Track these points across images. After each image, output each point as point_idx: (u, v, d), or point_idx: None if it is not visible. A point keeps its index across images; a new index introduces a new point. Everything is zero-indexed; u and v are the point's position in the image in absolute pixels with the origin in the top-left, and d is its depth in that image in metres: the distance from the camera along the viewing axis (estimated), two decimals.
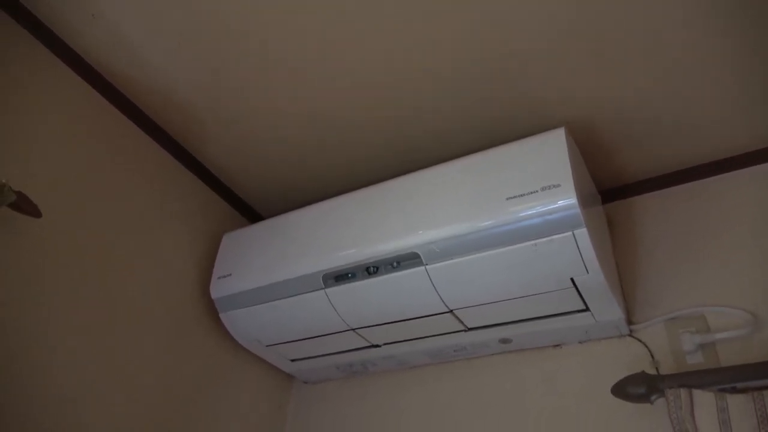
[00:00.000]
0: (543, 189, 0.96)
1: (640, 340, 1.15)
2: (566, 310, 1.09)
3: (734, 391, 0.94)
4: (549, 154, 0.99)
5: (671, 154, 1.26)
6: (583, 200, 0.97)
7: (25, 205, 0.94)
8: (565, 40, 1.02)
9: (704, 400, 0.93)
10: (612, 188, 1.36)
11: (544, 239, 0.96)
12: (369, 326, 1.20)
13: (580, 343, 1.21)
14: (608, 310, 1.07)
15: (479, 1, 0.96)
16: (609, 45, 1.02)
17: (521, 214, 0.96)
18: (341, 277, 1.13)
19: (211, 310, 1.31)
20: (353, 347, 1.30)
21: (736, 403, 0.91)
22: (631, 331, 1.16)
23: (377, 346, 1.29)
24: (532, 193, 0.97)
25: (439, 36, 1.03)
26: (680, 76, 1.07)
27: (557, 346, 1.23)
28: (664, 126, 1.19)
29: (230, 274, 1.28)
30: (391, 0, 0.97)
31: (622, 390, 1.02)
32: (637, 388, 1.00)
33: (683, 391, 0.94)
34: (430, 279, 1.06)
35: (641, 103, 1.13)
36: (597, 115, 1.17)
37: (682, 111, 1.14)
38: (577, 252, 0.95)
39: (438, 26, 1.01)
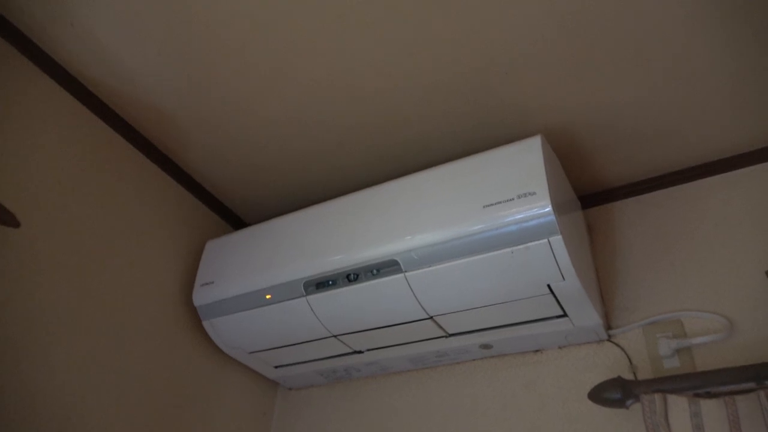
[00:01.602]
0: (519, 197, 0.97)
1: (618, 345, 1.16)
2: (545, 316, 1.10)
3: (708, 395, 0.95)
4: (525, 162, 1.00)
5: (650, 159, 1.28)
6: (559, 207, 0.98)
7: (2, 215, 0.93)
8: (547, 49, 1.03)
9: (678, 404, 0.94)
10: (592, 193, 1.38)
11: (521, 246, 0.97)
12: (351, 333, 1.21)
13: (559, 348, 1.22)
14: (586, 315, 1.08)
15: (463, 12, 0.97)
16: (590, 53, 1.03)
17: (498, 222, 0.97)
18: (322, 284, 1.14)
19: (195, 317, 1.31)
20: (336, 354, 1.30)
21: (710, 408, 0.92)
22: (609, 336, 1.18)
23: (360, 352, 1.29)
24: (508, 200, 0.98)
25: (424, 44, 1.04)
26: (659, 83, 1.08)
27: (537, 351, 1.24)
28: (643, 132, 1.20)
29: (213, 282, 1.28)
30: (377, 8, 0.98)
31: (598, 395, 1.03)
32: (612, 393, 1.01)
33: (657, 396, 0.95)
34: (410, 286, 1.07)
35: (621, 109, 1.14)
36: (577, 121, 1.18)
37: (661, 117, 1.16)
38: (552, 259, 0.96)
39: (423, 34, 1.02)
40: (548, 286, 1.00)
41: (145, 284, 1.26)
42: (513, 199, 0.97)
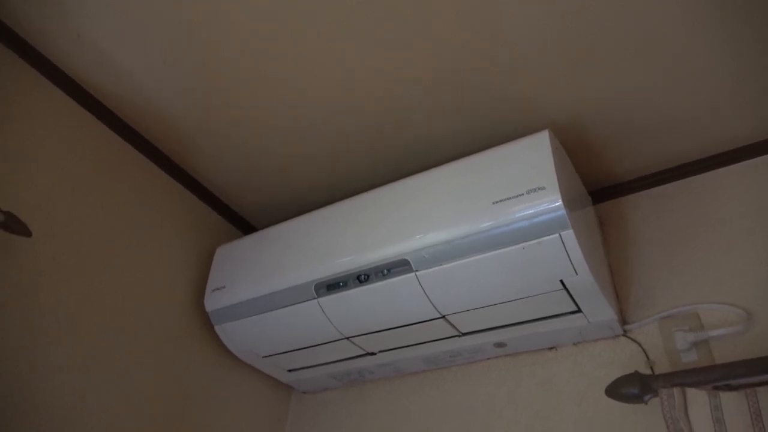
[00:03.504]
0: (528, 192, 0.96)
1: (634, 340, 1.14)
2: (558, 312, 1.09)
3: (728, 388, 0.93)
4: (534, 157, 0.99)
5: (661, 152, 1.26)
6: (569, 202, 0.97)
7: (14, 225, 0.94)
8: (553, 45, 1.02)
9: (698, 398, 0.93)
10: (603, 188, 1.36)
11: (532, 242, 0.96)
12: (363, 334, 1.20)
13: (574, 344, 1.20)
14: (600, 310, 1.07)
15: (463, 12, 0.97)
16: (597, 48, 1.02)
17: (508, 218, 0.96)
18: (333, 286, 1.14)
19: (207, 323, 1.31)
20: (349, 356, 1.30)
21: (730, 401, 0.90)
22: (625, 331, 1.16)
23: (373, 354, 1.29)
24: (517, 196, 0.97)
25: (428, 43, 1.03)
26: (668, 75, 1.07)
27: (552, 348, 1.22)
28: (653, 124, 1.19)
29: (224, 287, 1.28)
30: (378, 9, 0.98)
31: (615, 391, 1.02)
32: (630, 388, 0.99)
33: (676, 390, 0.94)
34: (421, 285, 1.06)
35: (630, 102, 1.13)
36: (586, 115, 1.17)
37: (671, 109, 1.14)
38: (564, 254, 0.95)
39: (427, 34, 1.02)
40: (561, 281, 0.99)
41: (156, 290, 1.26)
42: (522, 194, 0.96)
